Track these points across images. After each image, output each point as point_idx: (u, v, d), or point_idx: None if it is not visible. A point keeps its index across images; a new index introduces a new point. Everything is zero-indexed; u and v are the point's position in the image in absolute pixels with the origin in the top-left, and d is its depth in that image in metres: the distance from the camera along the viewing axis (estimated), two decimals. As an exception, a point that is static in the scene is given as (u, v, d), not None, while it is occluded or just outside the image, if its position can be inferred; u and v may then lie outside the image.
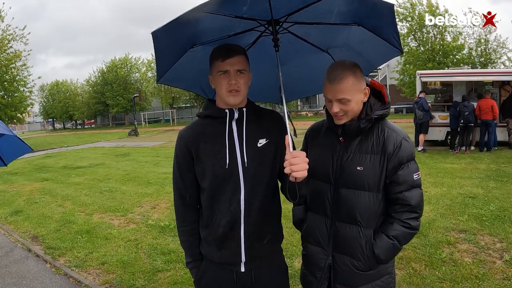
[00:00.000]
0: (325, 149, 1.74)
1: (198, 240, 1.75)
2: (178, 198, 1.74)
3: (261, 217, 1.65)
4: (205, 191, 1.67)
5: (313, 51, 1.85)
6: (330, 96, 1.60)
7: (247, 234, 1.63)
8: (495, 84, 12.60)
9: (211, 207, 1.66)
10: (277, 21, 1.62)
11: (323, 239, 1.74)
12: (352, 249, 1.66)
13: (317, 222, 1.77)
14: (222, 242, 1.65)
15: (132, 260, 4.46)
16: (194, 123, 1.73)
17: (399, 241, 1.63)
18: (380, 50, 1.60)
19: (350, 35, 1.65)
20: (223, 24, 1.62)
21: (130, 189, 8.55)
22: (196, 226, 1.75)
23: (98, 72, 50.85)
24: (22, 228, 6.23)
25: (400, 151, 1.60)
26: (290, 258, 4.09)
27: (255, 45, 1.85)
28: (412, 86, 24.62)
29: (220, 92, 1.61)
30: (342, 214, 1.68)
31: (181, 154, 1.68)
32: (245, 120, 1.65)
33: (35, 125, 77.03)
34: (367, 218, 1.65)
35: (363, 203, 1.64)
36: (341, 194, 1.67)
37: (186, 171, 1.68)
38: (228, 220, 1.62)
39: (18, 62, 22.89)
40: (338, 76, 1.55)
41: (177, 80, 2.02)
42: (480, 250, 4.12)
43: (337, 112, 1.60)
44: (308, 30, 1.69)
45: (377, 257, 1.64)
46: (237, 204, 1.61)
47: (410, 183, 1.62)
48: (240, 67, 1.58)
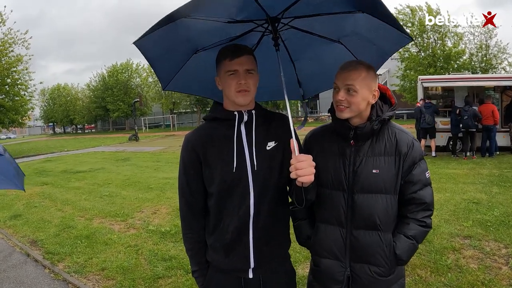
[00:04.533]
0: (333, 155, 1.69)
1: (205, 247, 1.70)
2: (184, 204, 1.68)
3: (270, 221, 1.60)
4: (213, 196, 1.61)
5: (324, 42, 1.79)
6: (339, 82, 1.58)
7: (256, 239, 1.58)
8: (497, 89, 12.59)
9: (219, 212, 1.61)
10: (275, 19, 1.57)
11: (339, 251, 1.68)
12: (373, 256, 1.62)
13: (330, 233, 1.70)
14: (230, 248, 1.60)
15: (132, 266, 4.40)
16: (201, 127, 1.68)
17: (417, 240, 1.64)
18: (391, 37, 1.55)
19: (357, 23, 1.59)
20: (220, 29, 1.60)
21: (131, 194, 8.49)
22: (202, 233, 1.69)
23: (99, 76, 51.02)
24: (21, 232, 6.17)
25: (413, 151, 1.61)
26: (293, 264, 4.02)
27: (260, 46, 1.81)
28: (413, 91, 24.66)
29: (228, 92, 1.56)
30: (359, 221, 1.63)
31: (188, 159, 1.62)
32: (254, 122, 1.60)
33: (36, 129, 77.04)
34: (386, 221, 1.62)
35: (382, 207, 1.61)
36: (357, 200, 1.62)
37: (193, 176, 1.62)
38: (237, 226, 1.57)
39: (20, 66, 22.91)
40: (351, 66, 1.57)
41: (186, 86, 2.01)
42: (486, 256, 4.06)
43: (341, 100, 1.57)
44: (311, 22, 1.64)
45: (398, 258, 1.63)
46: (246, 209, 1.56)
47: (423, 182, 1.63)
48: (249, 67, 1.53)
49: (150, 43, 1.49)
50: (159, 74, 1.81)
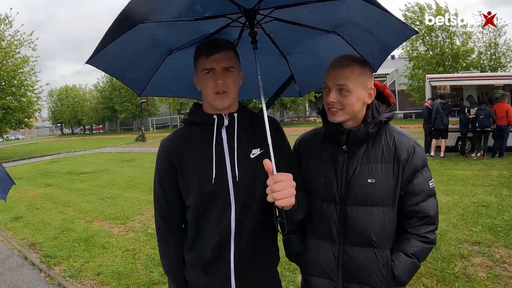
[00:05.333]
0: (325, 162, 1.51)
1: (183, 263, 1.54)
2: (160, 217, 1.53)
3: (254, 238, 1.43)
4: (190, 209, 1.45)
5: (317, 33, 1.60)
6: (330, 82, 1.40)
7: (238, 257, 1.41)
8: (507, 87, 12.29)
9: (197, 227, 1.45)
10: (252, 11, 1.37)
11: (331, 269, 1.50)
12: (368, 276, 1.44)
13: (321, 249, 1.52)
14: (209, 266, 1.43)
15: (128, 271, 4.30)
16: (177, 131, 1.51)
17: (419, 259, 1.45)
18: (393, 29, 1.37)
19: (350, 11, 1.40)
20: (191, 27, 1.45)
21: (132, 196, 8.42)
22: (180, 248, 1.54)
23: (106, 77, 51.23)
24: (21, 234, 6.14)
25: (414, 157, 1.42)
26: (284, 281, 3.88)
27: (241, 40, 1.63)
28: (421, 91, 24.34)
29: (206, 94, 1.39)
30: (353, 236, 1.45)
31: (162, 167, 1.47)
32: (236, 127, 1.43)
33: (44, 130, 77.80)
34: (383, 238, 1.44)
35: (378, 221, 1.42)
36: (350, 213, 1.44)
37: (169, 187, 1.47)
38: (216, 242, 1.40)
39: (26, 67, 23.09)
40: (343, 62, 1.39)
41: (165, 90, 1.89)
42: (495, 264, 3.87)
43: (333, 102, 1.39)
44: (297, 12, 1.45)
45: (397, 279, 1.44)
46: (226, 224, 1.39)
47: (426, 193, 1.45)
48: (228, 64, 1.35)
49: (109, 58, 1.34)
50: (130, 84, 1.67)
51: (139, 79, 1.66)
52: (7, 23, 22.37)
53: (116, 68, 1.51)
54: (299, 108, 38.85)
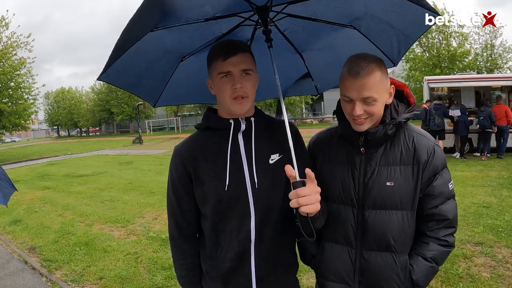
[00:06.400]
0: (341, 164, 1.46)
1: (199, 274, 1.50)
2: (174, 227, 1.48)
3: (275, 246, 1.39)
4: (208, 218, 1.40)
5: (333, 28, 1.54)
6: (354, 94, 1.29)
7: (259, 267, 1.37)
8: (504, 89, 12.35)
9: (215, 236, 1.40)
10: (264, 8, 1.32)
11: (347, 274, 1.47)
12: (386, 281, 1.41)
13: (337, 253, 1.48)
14: (229, 277, 1.39)
15: (131, 275, 4.26)
16: (192, 137, 1.46)
17: (437, 262, 1.42)
18: (412, 17, 1.29)
19: (368, 2, 1.35)
20: (202, 30, 1.42)
21: (132, 199, 8.37)
22: (196, 258, 1.49)
23: (103, 79, 51.07)
24: (20, 238, 6.08)
25: (434, 158, 1.38)
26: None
27: (255, 40, 1.60)
28: (418, 92, 24.35)
29: (222, 99, 1.34)
30: (370, 241, 1.41)
31: (177, 175, 1.41)
32: (253, 132, 1.38)
33: (40, 132, 77.40)
34: (401, 242, 1.40)
35: (397, 225, 1.38)
36: (368, 217, 1.40)
37: (184, 195, 1.42)
38: (236, 252, 1.36)
39: (23, 69, 22.94)
40: (364, 69, 1.26)
41: (180, 97, 1.85)
42: (498, 264, 3.89)
43: (360, 115, 1.31)
44: (311, 7, 1.40)
45: (415, 284, 1.41)
46: (246, 233, 1.35)
47: (446, 195, 1.41)
48: (245, 67, 1.30)
49: (119, 72, 1.32)
50: (143, 96, 1.63)
51: (153, 90, 1.63)
52: (3, 25, 22.25)
53: (128, 81, 1.49)
54: (296, 110, 38.86)
